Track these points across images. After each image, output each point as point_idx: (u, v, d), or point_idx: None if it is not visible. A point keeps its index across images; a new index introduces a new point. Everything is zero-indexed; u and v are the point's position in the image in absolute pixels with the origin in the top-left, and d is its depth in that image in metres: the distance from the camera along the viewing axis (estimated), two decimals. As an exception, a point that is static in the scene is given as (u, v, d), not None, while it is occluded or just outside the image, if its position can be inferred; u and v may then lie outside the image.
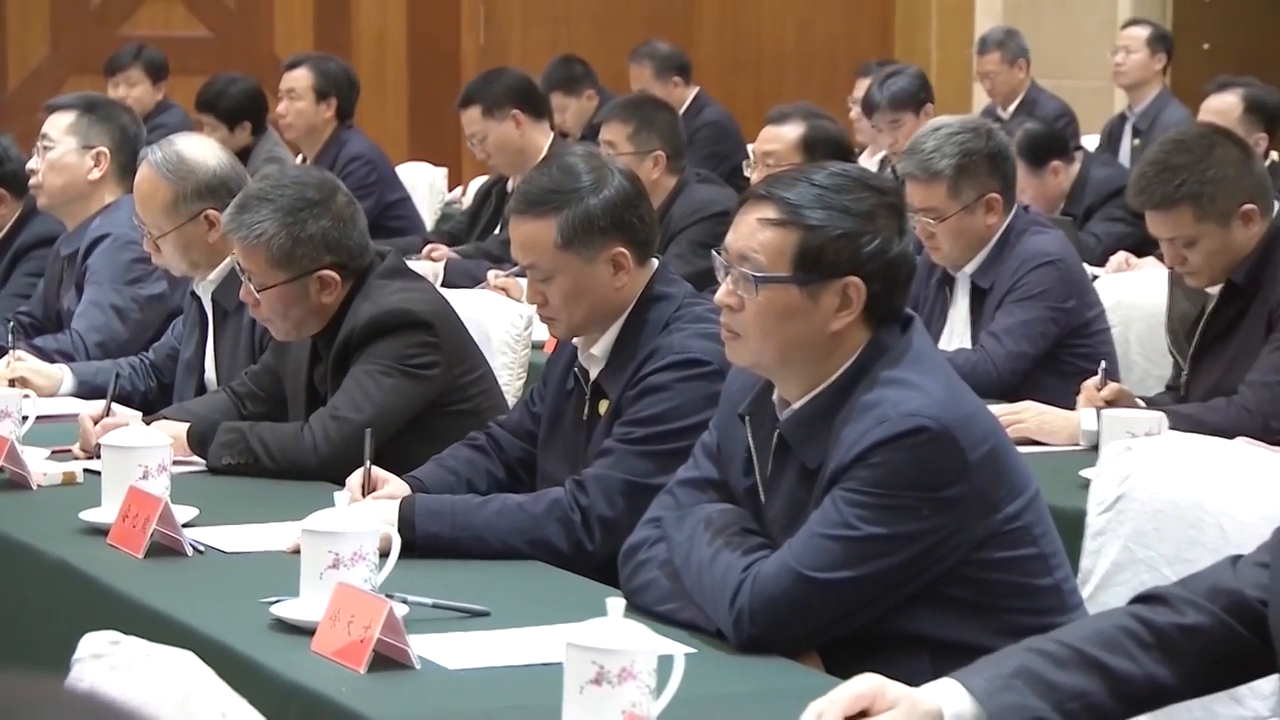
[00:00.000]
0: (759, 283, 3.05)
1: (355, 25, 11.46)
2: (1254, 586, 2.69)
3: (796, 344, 3.07)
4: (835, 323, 3.06)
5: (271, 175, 4.29)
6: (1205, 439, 3.82)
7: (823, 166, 3.20)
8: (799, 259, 3.05)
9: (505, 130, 7.07)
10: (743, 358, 3.13)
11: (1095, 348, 5.09)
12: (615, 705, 2.49)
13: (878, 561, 3.00)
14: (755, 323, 3.07)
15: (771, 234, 3.06)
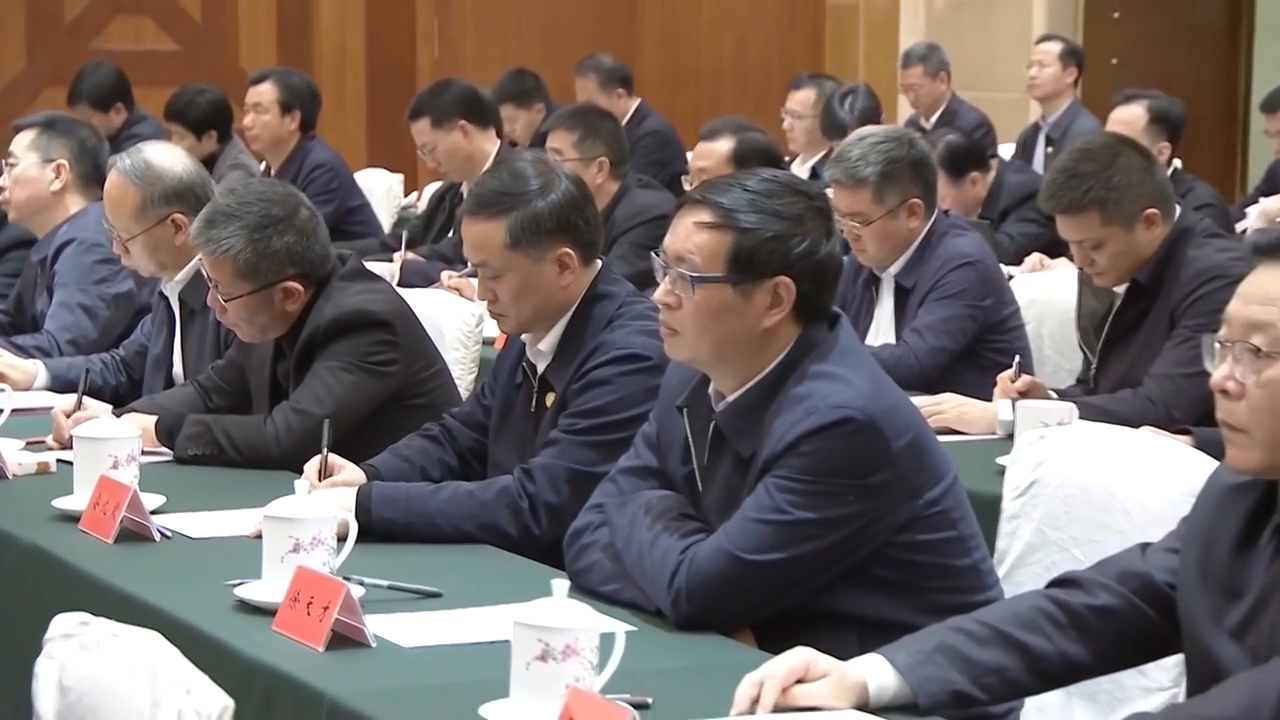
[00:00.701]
0: (695, 282, 3.05)
1: (316, 40, 11.41)
2: (1162, 571, 2.71)
3: (731, 340, 3.07)
4: (767, 320, 3.06)
5: (237, 190, 4.25)
6: (1113, 428, 3.84)
7: (755, 173, 3.20)
8: (732, 260, 3.05)
9: (453, 140, 7.05)
10: (681, 353, 3.13)
11: (1010, 343, 5.10)
12: (560, 680, 2.48)
13: (807, 544, 3.00)
14: (692, 320, 3.07)
15: (707, 236, 3.06)
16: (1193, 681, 2.68)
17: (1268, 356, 2.48)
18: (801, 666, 2.58)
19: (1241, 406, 2.51)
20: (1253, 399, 2.50)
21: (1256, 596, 2.57)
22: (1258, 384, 2.49)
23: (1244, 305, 2.53)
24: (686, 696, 2.66)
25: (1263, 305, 2.51)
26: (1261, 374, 2.49)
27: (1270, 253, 2.54)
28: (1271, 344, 2.48)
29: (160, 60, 10.80)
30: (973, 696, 2.64)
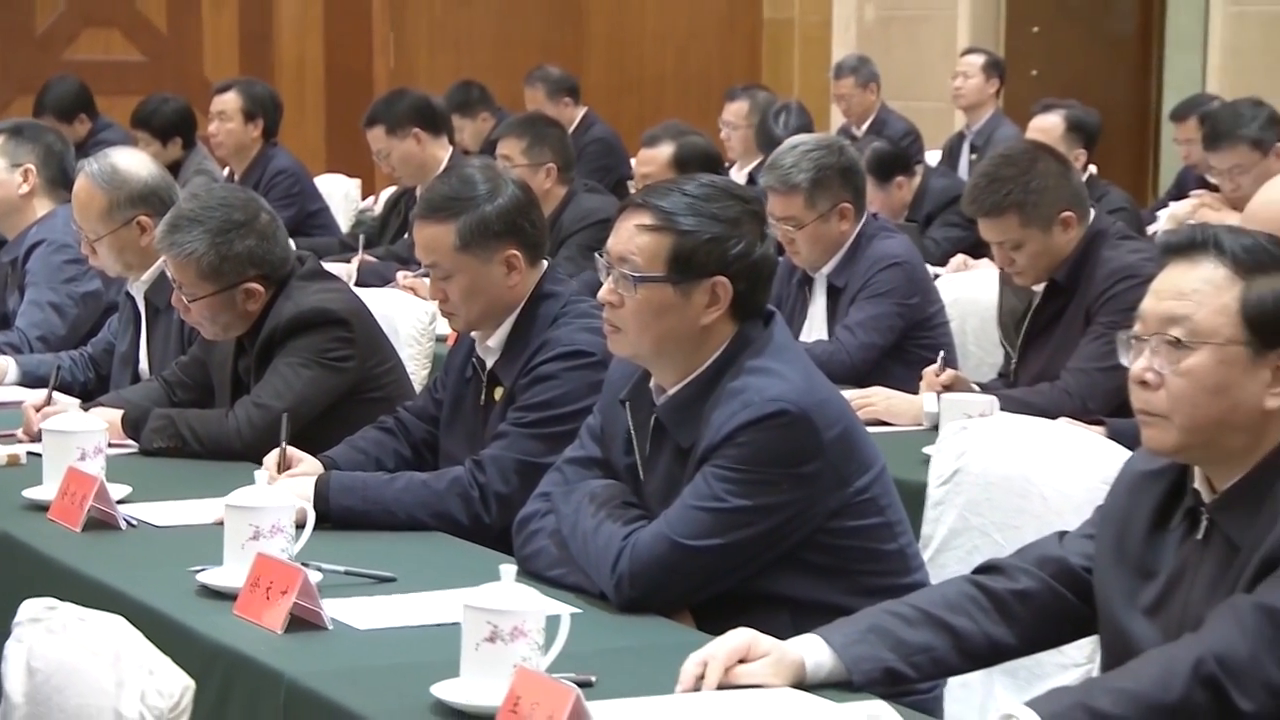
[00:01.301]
0: (637, 282, 3.05)
1: (277, 52, 11.37)
2: (1079, 556, 2.72)
3: (671, 337, 3.07)
4: (705, 318, 3.06)
5: (200, 196, 4.23)
6: (1031, 419, 3.85)
7: (694, 178, 3.20)
8: (672, 261, 3.05)
9: (407, 147, 7.03)
10: (623, 349, 3.13)
11: (936, 339, 5.12)
12: (508, 660, 2.48)
13: (743, 530, 3.01)
14: (634, 318, 3.07)
15: (648, 238, 3.06)
16: (1107, 658, 2.69)
17: (1187, 347, 2.50)
18: (744, 646, 2.59)
19: (1160, 395, 2.52)
20: (1173, 387, 2.51)
21: (1168, 577, 2.58)
22: (1177, 373, 2.50)
23: (1159, 301, 2.55)
24: (629, 675, 2.66)
25: (1178, 300, 2.52)
26: (1180, 363, 2.50)
27: (1179, 252, 2.56)
28: (1189, 335, 2.50)
29: (127, 70, 10.74)
30: (903, 674, 2.65)
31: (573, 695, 2.33)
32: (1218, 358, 2.49)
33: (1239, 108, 6.50)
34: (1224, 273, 2.51)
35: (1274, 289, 2.50)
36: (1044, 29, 10.75)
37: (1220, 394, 2.50)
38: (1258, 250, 2.52)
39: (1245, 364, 2.50)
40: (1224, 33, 9.34)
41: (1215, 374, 2.49)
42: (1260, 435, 2.52)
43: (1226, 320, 2.49)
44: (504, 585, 2.53)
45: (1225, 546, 2.52)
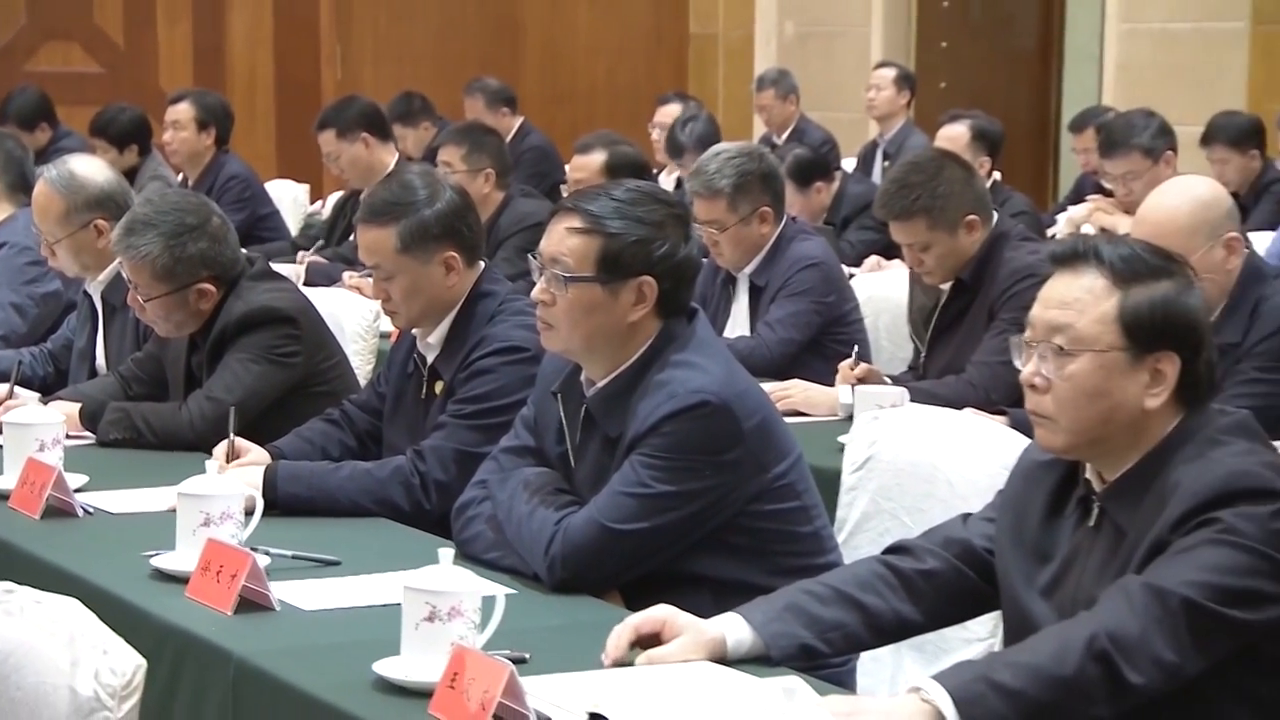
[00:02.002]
0: (568, 282, 3.05)
1: (229, 63, 11.30)
2: (981, 538, 2.74)
3: (600, 333, 3.07)
4: (632, 315, 3.06)
5: (155, 200, 4.20)
6: (939, 409, 3.87)
7: (621, 183, 3.21)
8: (600, 262, 3.05)
9: (356, 150, 6.97)
10: (556, 344, 3.12)
11: (851, 334, 5.13)
12: (446, 638, 2.47)
13: (668, 514, 3.01)
14: (565, 316, 3.06)
15: (578, 241, 3.06)
16: (1009, 633, 2.71)
17: (1069, 354, 2.52)
18: (661, 620, 2.60)
19: (1048, 399, 2.55)
20: (1058, 391, 2.53)
21: (1062, 560, 2.60)
22: (1062, 378, 2.53)
23: (1044, 309, 2.57)
24: (561, 651, 2.65)
25: (1061, 309, 2.54)
26: (1064, 369, 2.52)
27: (1065, 262, 2.58)
28: (1071, 343, 2.52)
29: (86, 81, 10.65)
30: (818, 650, 2.66)
31: (507, 671, 2.33)
32: (1098, 363, 2.52)
33: (1132, 118, 6.54)
34: (1104, 283, 2.53)
35: (1150, 297, 2.52)
36: (951, 45, 10.81)
37: (1102, 396, 2.52)
38: (1135, 260, 2.54)
39: (1124, 368, 2.52)
40: (1118, 48, 9.41)
41: (1096, 378, 2.52)
42: (1142, 432, 2.54)
43: (1106, 328, 2.52)
44: (442, 568, 2.53)
45: (1114, 532, 2.54)
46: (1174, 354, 2.52)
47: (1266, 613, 2.43)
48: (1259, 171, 6.87)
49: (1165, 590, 2.41)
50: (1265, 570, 2.43)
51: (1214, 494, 2.45)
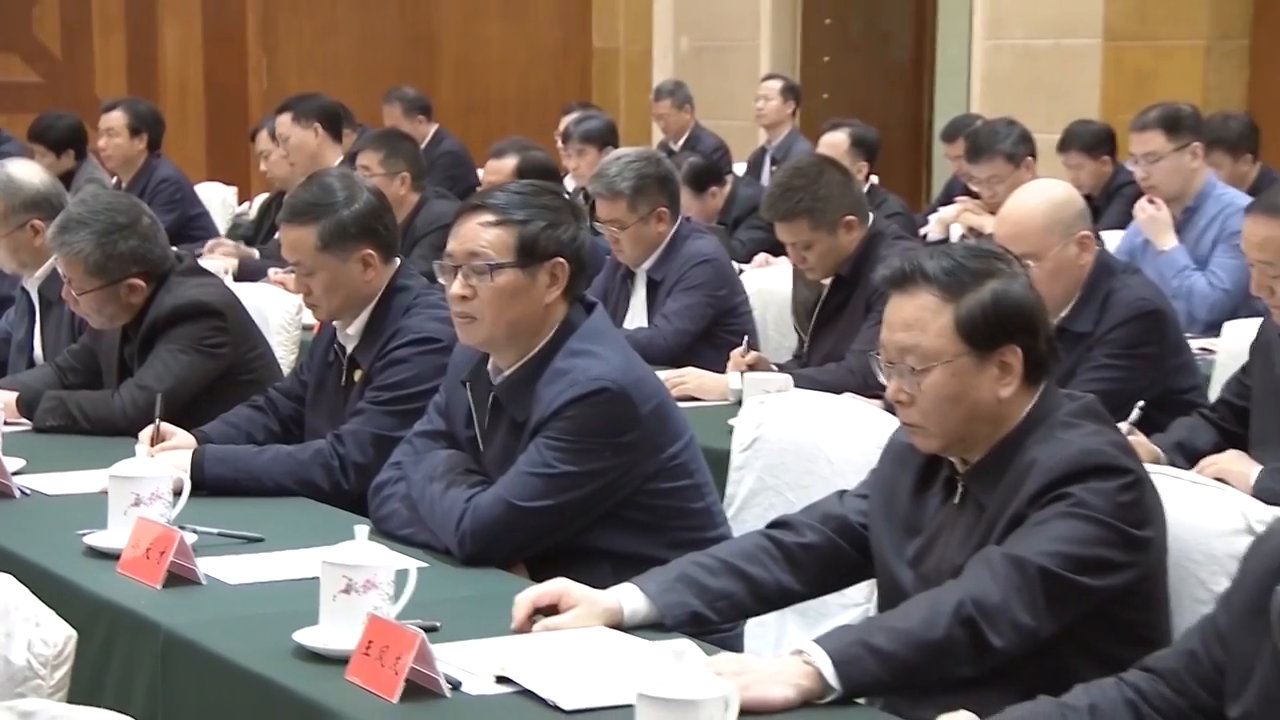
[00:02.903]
0: (492, 270, 3.03)
1: (161, 73, 11.18)
2: (855, 513, 2.75)
3: (522, 318, 3.06)
4: (548, 297, 3.06)
5: (88, 201, 4.14)
6: (820, 394, 3.88)
7: (516, 182, 3.22)
8: (519, 248, 3.04)
9: (306, 136, 6.82)
10: (478, 336, 3.09)
11: (741, 325, 5.14)
12: (361, 609, 2.46)
13: (570, 492, 3.01)
14: (490, 306, 3.04)
15: (493, 233, 3.05)
16: (882, 600, 2.73)
17: (922, 371, 2.54)
18: (557, 593, 2.59)
19: (914, 411, 2.57)
20: (921, 404, 2.55)
21: (930, 533, 2.62)
22: (920, 392, 2.55)
23: (891, 333, 2.59)
24: (470, 620, 2.64)
25: (905, 331, 2.56)
26: (921, 384, 2.54)
27: (897, 284, 2.59)
28: (920, 360, 2.54)
29: (25, 90, 10.50)
30: (707, 617, 2.66)
31: (419, 638, 2.32)
32: (949, 372, 2.53)
33: (996, 126, 6.60)
34: (935, 300, 2.54)
35: (980, 302, 2.54)
36: (833, 59, 10.87)
37: (960, 400, 2.54)
38: (958, 271, 2.55)
39: (974, 369, 2.54)
40: (984, 63, 9.49)
41: (951, 386, 2.54)
42: (1001, 419, 2.57)
43: (947, 341, 2.53)
44: (358, 543, 2.52)
45: (977, 508, 2.57)
46: (1014, 345, 2.55)
47: (1114, 579, 2.46)
48: (1111, 176, 6.94)
49: (1023, 560, 2.44)
50: (1113, 540, 2.46)
51: (1066, 471, 2.48)
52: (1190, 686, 2.16)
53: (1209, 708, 2.14)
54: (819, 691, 2.31)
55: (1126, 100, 7.73)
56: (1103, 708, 2.17)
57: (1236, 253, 5.37)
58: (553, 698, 2.29)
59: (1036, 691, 2.24)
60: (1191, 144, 5.72)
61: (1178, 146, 5.69)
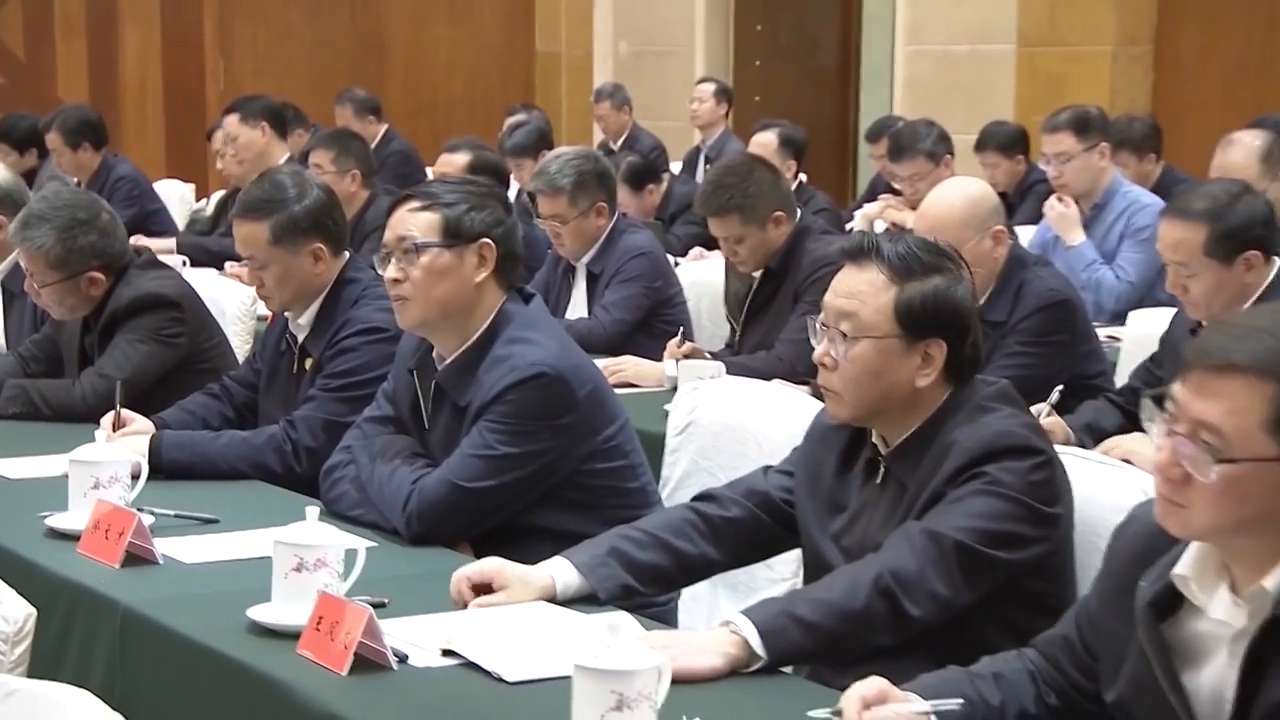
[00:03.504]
0: (419, 249, 3.03)
1: (121, 75, 11.06)
2: (778, 489, 2.76)
3: (451, 298, 3.05)
4: (477, 277, 3.06)
5: (49, 197, 4.10)
6: (751, 381, 3.89)
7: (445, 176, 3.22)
8: (444, 229, 3.05)
9: (254, 135, 6.79)
10: (411, 317, 3.09)
11: (676, 316, 5.15)
12: (312, 587, 2.44)
13: (512, 473, 3.00)
14: (419, 286, 3.04)
15: (421, 216, 3.06)
16: (808, 573, 2.73)
17: (853, 339, 2.55)
18: (490, 572, 2.58)
19: (835, 376, 2.58)
20: (843, 370, 2.56)
21: (853, 511, 2.63)
22: (846, 359, 2.56)
23: (834, 297, 2.60)
24: (417, 597, 2.63)
25: (848, 298, 2.57)
26: (849, 352, 2.56)
27: (853, 256, 2.61)
28: (854, 329, 2.55)
29: (-10, 91, 10.40)
30: (637, 589, 2.66)
31: (367, 614, 2.31)
32: (877, 348, 2.55)
33: (916, 127, 6.63)
34: (883, 278, 2.56)
35: (922, 292, 2.55)
36: (764, 64, 10.88)
37: (880, 376, 2.55)
38: (910, 258, 2.57)
39: (899, 352, 2.55)
40: (905, 68, 9.53)
41: (875, 361, 2.55)
42: (915, 405, 2.58)
43: (884, 318, 2.55)
44: (309, 524, 2.50)
45: (898, 487, 2.58)
46: (942, 340, 2.56)
47: (1025, 553, 2.48)
48: (1024, 174, 6.99)
49: (940, 534, 2.45)
50: (1025, 516, 2.48)
51: (982, 451, 2.50)
52: (1067, 668, 2.17)
53: (1086, 689, 2.15)
54: (746, 660, 2.32)
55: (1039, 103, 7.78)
56: (1008, 676, 2.18)
57: (1141, 247, 5.45)
58: (497, 670, 2.28)
59: (952, 660, 2.25)
60: (1099, 144, 5.79)
61: (1087, 147, 5.76)
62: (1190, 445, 1.89)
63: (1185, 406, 1.91)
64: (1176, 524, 1.94)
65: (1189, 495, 1.90)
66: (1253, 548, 1.92)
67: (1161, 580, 2.00)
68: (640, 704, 1.98)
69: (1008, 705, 2.15)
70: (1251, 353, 1.87)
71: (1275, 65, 8.27)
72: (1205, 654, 1.99)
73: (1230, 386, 1.88)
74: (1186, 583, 1.98)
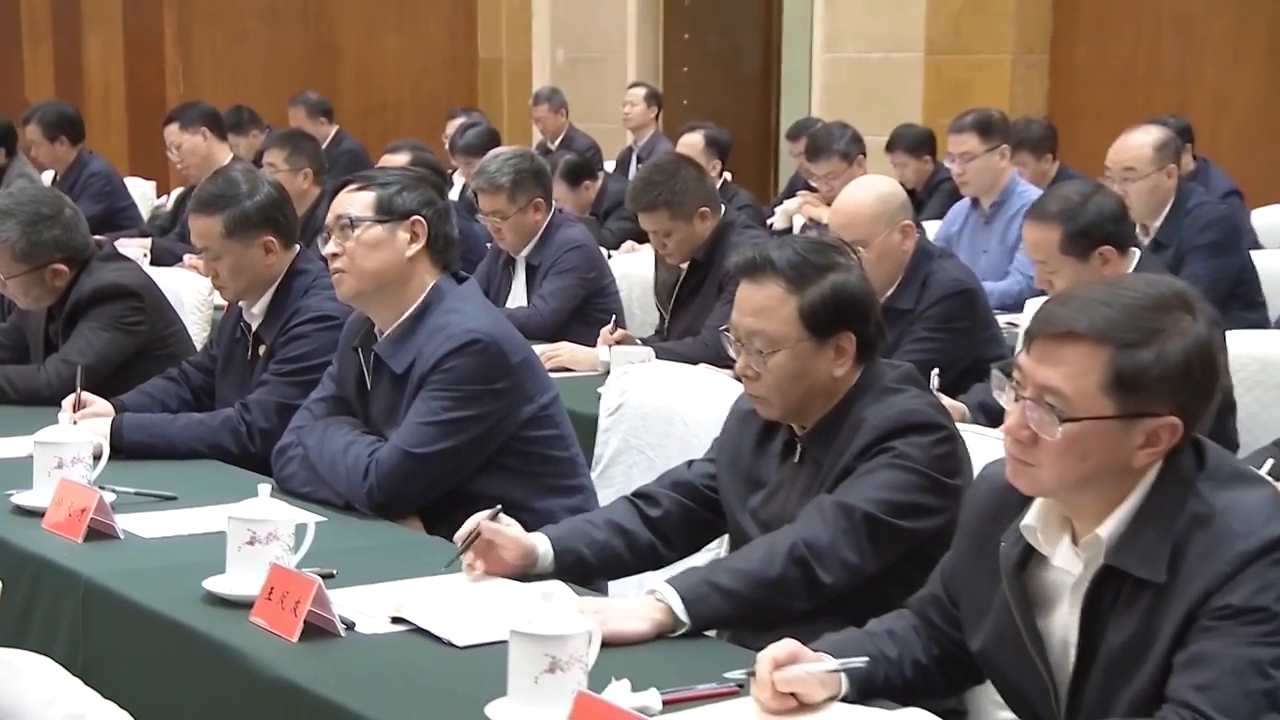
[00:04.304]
0: (355, 224, 3.04)
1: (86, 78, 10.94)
2: (702, 477, 2.77)
3: (385, 269, 3.05)
4: (409, 251, 3.06)
5: (14, 194, 4.05)
6: (679, 365, 3.90)
7: None
8: (378, 205, 3.06)
9: (195, 141, 6.72)
10: (349, 289, 3.08)
11: (609, 305, 5.15)
12: (265, 559, 2.43)
13: (460, 435, 3.00)
14: (354, 257, 3.04)
15: (357, 195, 3.08)
16: (732, 547, 2.75)
17: (769, 353, 2.55)
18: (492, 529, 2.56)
19: (759, 385, 2.58)
20: (766, 380, 2.57)
21: (772, 488, 2.64)
22: (766, 370, 2.57)
23: (741, 317, 2.60)
24: (364, 569, 2.62)
25: (754, 316, 2.57)
26: (767, 364, 2.56)
27: (749, 273, 2.59)
28: (767, 344, 2.56)
29: (-40, 94, 10.22)
30: (593, 565, 2.66)
31: (316, 584, 2.30)
32: (792, 355, 2.55)
33: (832, 129, 6.65)
34: (781, 290, 2.56)
35: (821, 294, 2.56)
36: (691, 70, 10.88)
37: (801, 378, 2.56)
38: (802, 265, 2.56)
39: (813, 353, 2.56)
40: (822, 74, 9.56)
41: (793, 366, 2.56)
42: (833, 392, 2.60)
43: (791, 327, 2.55)
44: (261, 500, 2.49)
45: (814, 465, 2.59)
46: (849, 331, 2.57)
47: (929, 522, 2.50)
48: (931, 173, 7.04)
49: (850, 506, 2.46)
50: (928, 487, 2.50)
51: (889, 428, 2.52)
52: (939, 624, 2.20)
53: (957, 640, 2.18)
54: (671, 625, 2.33)
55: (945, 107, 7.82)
56: (899, 632, 2.21)
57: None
58: (447, 635, 2.27)
59: (863, 623, 2.27)
60: (1001, 145, 5.84)
61: (989, 148, 5.81)
62: (1036, 408, 1.93)
63: (1031, 373, 1.95)
64: (1026, 482, 1.98)
65: (1037, 455, 1.94)
66: (1090, 501, 1.97)
67: (1018, 535, 2.04)
68: (572, 666, 1.97)
69: (904, 657, 2.18)
70: (1089, 322, 1.92)
71: (1161, 72, 8.37)
72: (1053, 601, 2.03)
73: (1070, 353, 1.92)
74: (1033, 533, 2.03)
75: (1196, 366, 1.91)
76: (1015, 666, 2.04)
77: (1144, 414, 1.90)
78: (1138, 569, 1.91)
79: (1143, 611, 1.91)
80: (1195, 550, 1.88)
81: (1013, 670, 2.05)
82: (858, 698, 2.09)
